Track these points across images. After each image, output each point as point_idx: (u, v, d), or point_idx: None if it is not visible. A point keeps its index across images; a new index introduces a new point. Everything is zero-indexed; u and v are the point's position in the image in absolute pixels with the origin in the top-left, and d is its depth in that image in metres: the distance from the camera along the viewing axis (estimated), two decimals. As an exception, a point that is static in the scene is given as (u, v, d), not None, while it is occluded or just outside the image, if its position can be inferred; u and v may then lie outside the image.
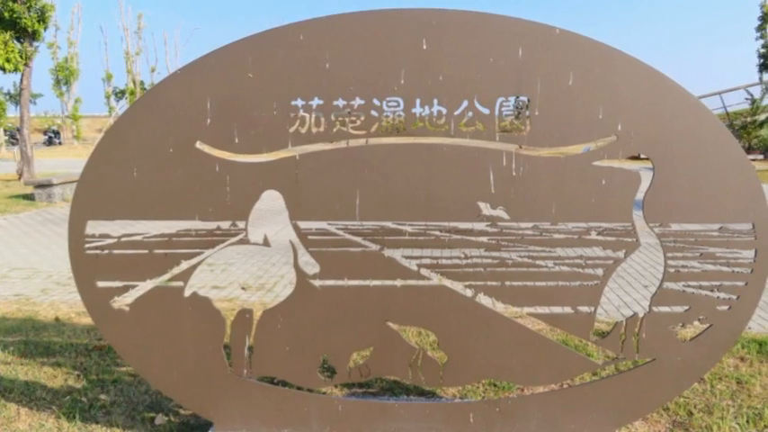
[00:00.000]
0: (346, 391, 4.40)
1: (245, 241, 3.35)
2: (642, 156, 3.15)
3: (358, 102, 3.13)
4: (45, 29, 20.82)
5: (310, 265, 3.35)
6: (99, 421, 4.09)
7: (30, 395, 4.49)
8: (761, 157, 27.81)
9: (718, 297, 3.28)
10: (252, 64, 3.14)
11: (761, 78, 31.85)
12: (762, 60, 29.13)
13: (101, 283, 3.42)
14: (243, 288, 7.47)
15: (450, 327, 3.42)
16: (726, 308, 3.29)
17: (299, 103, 3.14)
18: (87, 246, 3.38)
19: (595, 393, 3.51)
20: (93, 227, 3.37)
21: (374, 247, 3.32)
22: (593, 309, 3.35)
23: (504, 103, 3.10)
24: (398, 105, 3.12)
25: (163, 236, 3.38)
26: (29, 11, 19.70)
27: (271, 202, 3.26)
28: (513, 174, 3.17)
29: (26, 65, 20.34)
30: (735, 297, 3.28)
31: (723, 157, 3.13)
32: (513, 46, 3.05)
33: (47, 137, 53.61)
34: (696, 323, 3.35)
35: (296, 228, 3.31)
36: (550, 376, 3.56)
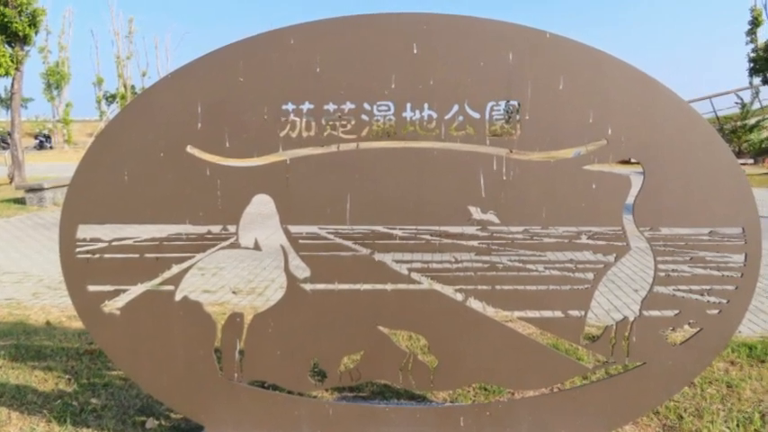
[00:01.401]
0: (337, 394, 4.39)
1: (235, 245, 3.35)
2: (633, 160, 3.16)
3: (349, 106, 3.13)
4: (36, 33, 20.75)
5: (301, 269, 3.35)
6: (90, 425, 4.08)
7: (21, 399, 4.46)
8: (751, 161, 27.92)
9: (708, 301, 3.29)
10: (243, 68, 3.14)
11: (751, 82, 32.02)
12: (752, 64, 29.23)
13: (92, 287, 3.42)
14: (234, 292, 7.46)
15: (440, 331, 3.42)
16: (716, 312, 3.30)
17: (290, 107, 3.15)
18: (78, 250, 3.37)
19: (586, 397, 3.52)
20: (83, 231, 3.37)
21: (365, 251, 3.32)
22: (583, 313, 3.36)
23: (495, 108, 3.10)
24: (389, 109, 3.12)
25: (154, 240, 3.37)
26: (20, 15, 19.62)
27: (261, 206, 3.26)
28: (504, 178, 3.18)
29: (17, 69, 20.26)
30: (725, 301, 3.29)
31: (713, 161, 3.15)
32: (503, 50, 3.06)
33: (38, 141, 53.51)
34: (686, 327, 3.35)
35: (287, 232, 3.31)
36: (541, 380, 3.57)
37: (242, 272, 8.43)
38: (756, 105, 31.67)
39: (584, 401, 3.51)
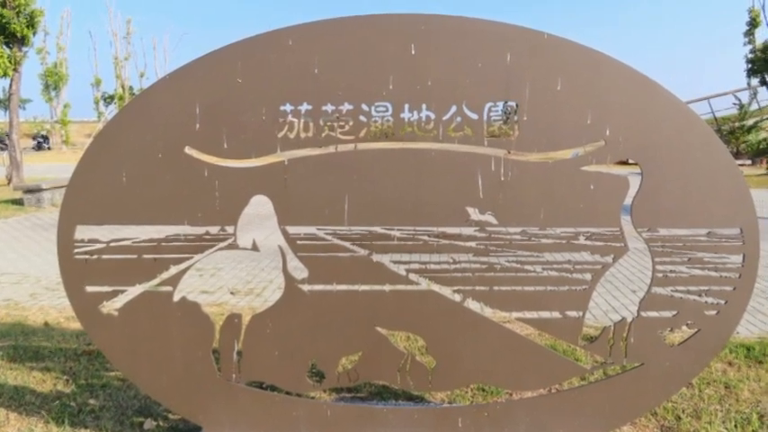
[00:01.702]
0: (335, 395, 4.38)
1: (233, 246, 3.34)
2: (631, 161, 3.16)
3: (347, 107, 3.13)
4: (34, 34, 20.74)
5: (299, 270, 3.35)
6: (88, 426, 4.07)
7: (19, 400, 4.46)
8: (749, 162, 27.93)
9: (706, 302, 3.29)
10: (241, 69, 3.14)
11: (749, 83, 32.04)
12: (750, 65, 29.22)
13: (90, 288, 3.41)
14: (232, 293, 7.46)
15: (438, 331, 3.42)
16: (714, 312, 3.31)
17: (288, 108, 3.14)
18: (76, 251, 3.37)
19: (584, 398, 3.52)
20: (82, 232, 3.36)
21: (363, 251, 3.31)
22: (581, 313, 3.35)
23: (493, 108, 3.10)
24: (387, 110, 3.12)
25: (152, 241, 3.37)
26: (18, 16, 19.61)
27: (259, 206, 3.26)
28: (502, 179, 3.18)
29: (15, 70, 20.25)
30: (723, 302, 3.29)
31: (711, 162, 3.15)
32: (501, 51, 3.06)
33: (36, 142, 53.50)
34: (684, 328, 3.36)
35: (285, 233, 3.31)
36: (539, 381, 3.57)
37: (240, 273, 8.43)
38: (754, 106, 31.75)
39: (582, 402, 3.51)
